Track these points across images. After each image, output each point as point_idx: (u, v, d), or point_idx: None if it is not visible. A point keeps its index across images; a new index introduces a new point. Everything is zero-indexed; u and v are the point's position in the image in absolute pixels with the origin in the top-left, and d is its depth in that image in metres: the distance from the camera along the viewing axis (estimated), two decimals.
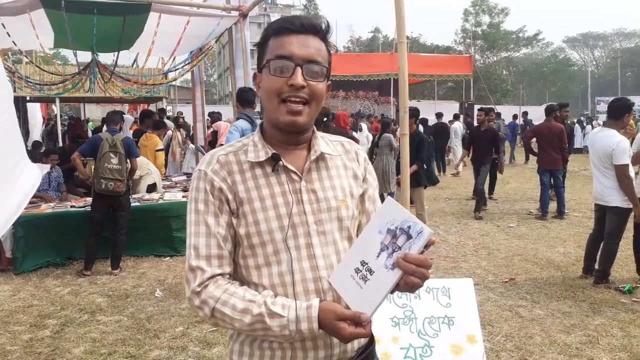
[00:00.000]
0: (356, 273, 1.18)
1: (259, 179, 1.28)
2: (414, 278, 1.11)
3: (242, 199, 1.27)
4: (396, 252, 1.13)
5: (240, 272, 1.31)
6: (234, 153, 1.32)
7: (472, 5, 53.59)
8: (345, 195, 1.34)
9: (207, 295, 1.22)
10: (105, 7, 5.95)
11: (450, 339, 3.06)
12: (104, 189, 5.40)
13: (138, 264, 6.02)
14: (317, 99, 1.27)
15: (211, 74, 70.93)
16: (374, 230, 1.19)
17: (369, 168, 1.45)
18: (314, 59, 1.24)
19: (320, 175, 1.33)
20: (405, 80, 3.45)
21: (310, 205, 1.29)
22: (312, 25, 1.26)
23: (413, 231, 1.12)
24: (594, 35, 64.86)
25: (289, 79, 1.22)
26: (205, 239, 1.26)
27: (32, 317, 4.45)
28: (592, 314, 4.34)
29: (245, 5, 6.61)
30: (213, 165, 1.29)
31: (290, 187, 1.29)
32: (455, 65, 23.11)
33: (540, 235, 7.10)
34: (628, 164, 4.73)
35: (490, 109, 10.67)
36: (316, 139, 1.36)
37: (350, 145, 1.45)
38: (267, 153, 1.29)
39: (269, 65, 1.25)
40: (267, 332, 1.19)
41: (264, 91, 1.28)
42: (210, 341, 3.91)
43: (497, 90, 44.57)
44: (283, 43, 1.24)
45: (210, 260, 1.25)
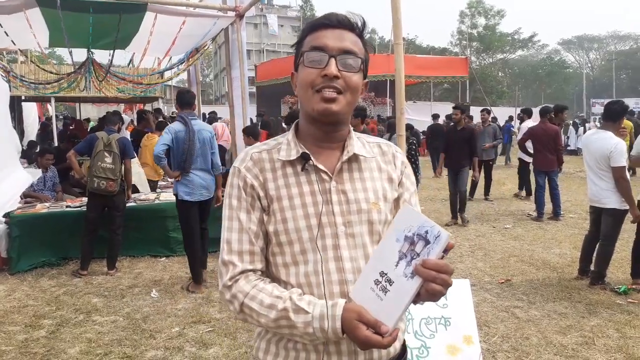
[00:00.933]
0: (376, 285, 1.13)
1: (289, 178, 1.28)
2: (435, 285, 1.06)
3: (273, 197, 1.27)
4: (415, 259, 1.09)
5: (271, 269, 1.31)
6: (267, 151, 1.32)
7: (468, 7, 53.77)
8: (377, 198, 1.31)
9: (237, 289, 1.23)
10: (101, 6, 5.94)
11: (447, 340, 3.06)
12: (96, 187, 5.37)
13: (134, 264, 6.00)
14: (352, 90, 1.25)
15: (207, 74, 70.84)
16: (391, 239, 1.15)
17: (406, 172, 1.41)
18: (349, 49, 1.23)
19: (352, 177, 1.31)
20: (401, 81, 3.46)
21: (340, 206, 1.27)
22: (348, 20, 1.26)
23: (431, 236, 1.08)
24: (589, 37, 65.16)
25: (322, 69, 1.21)
26: (237, 234, 1.27)
27: (28, 317, 4.42)
28: (588, 315, 4.35)
29: (241, 6, 6.61)
30: (246, 162, 1.30)
31: (319, 186, 1.27)
32: (451, 66, 23.16)
33: (536, 237, 7.12)
34: (625, 166, 4.75)
35: (485, 109, 10.72)
36: (351, 139, 1.34)
37: (388, 147, 1.42)
38: (298, 152, 1.28)
39: (303, 58, 1.25)
40: (292, 330, 1.17)
41: (299, 84, 1.27)
42: (207, 342, 3.90)
43: (493, 91, 44.73)
44: (318, 36, 1.25)
45: (242, 255, 1.26)
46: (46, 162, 6.97)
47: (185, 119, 5.00)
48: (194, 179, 4.99)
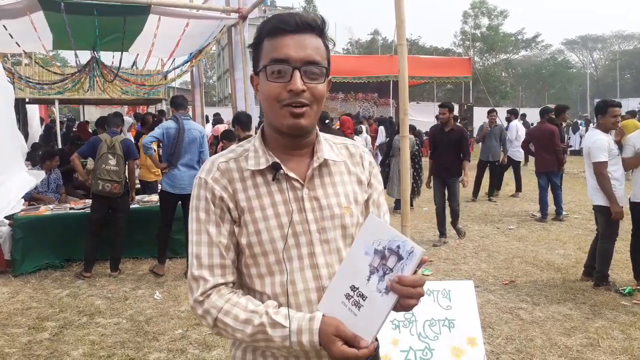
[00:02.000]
0: (347, 299, 1.12)
1: (259, 188, 1.25)
2: (411, 300, 1.09)
3: (243, 208, 1.24)
4: (387, 274, 1.08)
5: (244, 279, 1.29)
6: (234, 160, 1.29)
7: (471, 8, 53.62)
8: (349, 202, 1.31)
9: (209, 304, 1.20)
10: (105, 8, 5.97)
11: (451, 342, 3.05)
12: (101, 190, 5.39)
13: (137, 266, 6.01)
14: (319, 101, 1.23)
15: (210, 75, 70.95)
16: (359, 251, 1.13)
17: (374, 172, 1.41)
18: (312, 59, 1.19)
19: (323, 182, 1.30)
20: (405, 82, 3.45)
21: (313, 213, 1.26)
22: (307, 22, 1.21)
23: (403, 251, 1.07)
24: (592, 37, 64.97)
25: (287, 84, 1.18)
26: (207, 248, 1.23)
27: (31, 320, 4.43)
28: (592, 316, 4.33)
29: (244, 8, 6.62)
30: (214, 173, 1.26)
31: (291, 195, 1.25)
32: (454, 67, 23.12)
33: (540, 238, 7.09)
34: (604, 161, 4.73)
35: (493, 110, 10.66)
36: (319, 143, 1.32)
37: (355, 148, 1.41)
38: (268, 161, 1.25)
39: (265, 70, 1.20)
40: (268, 343, 1.17)
41: (263, 97, 1.23)
42: (210, 344, 3.90)
43: (496, 92, 44.60)
44: (279, 45, 1.19)
45: (213, 269, 1.23)
46: (51, 165, 6.99)
47: (178, 118, 5.44)
48: (177, 173, 5.42)
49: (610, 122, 4.87)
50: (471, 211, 9.13)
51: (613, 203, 4.70)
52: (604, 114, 4.89)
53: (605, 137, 4.85)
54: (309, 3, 59.96)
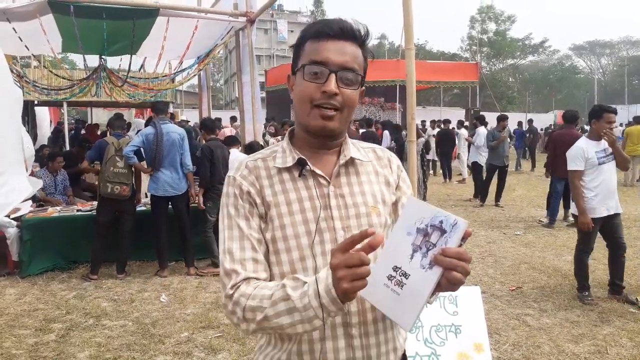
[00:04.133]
0: (389, 280, 1.08)
1: (286, 184, 1.26)
2: (456, 273, 1.02)
3: (270, 203, 1.24)
4: (431, 249, 1.05)
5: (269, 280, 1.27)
6: (262, 159, 1.31)
7: (479, 13, 53.63)
8: (376, 202, 1.31)
9: (238, 294, 1.15)
10: (114, 12, 6.00)
11: (457, 348, 3.03)
12: (109, 192, 5.42)
13: (144, 268, 6.02)
14: (350, 106, 1.24)
15: (218, 79, 71.23)
16: (401, 233, 1.11)
17: (402, 175, 1.41)
18: (349, 66, 1.21)
19: (350, 181, 1.30)
20: (413, 86, 3.45)
21: (339, 211, 1.26)
22: (351, 30, 1.23)
23: (446, 225, 1.05)
24: (600, 43, 64.69)
25: (322, 85, 1.20)
26: (238, 242, 1.23)
27: (38, 321, 4.45)
28: (600, 323, 4.30)
29: (252, 11, 6.64)
30: (242, 170, 1.29)
31: (317, 191, 1.26)
32: (461, 72, 23.07)
33: (547, 243, 7.05)
34: (576, 170, 4.70)
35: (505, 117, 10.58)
36: (347, 144, 1.33)
37: (382, 152, 1.43)
38: (294, 158, 1.27)
39: (303, 70, 1.23)
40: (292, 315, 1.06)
41: (297, 95, 1.26)
42: (216, 347, 3.90)
43: (503, 97, 44.49)
44: (319, 48, 1.22)
45: (245, 263, 1.20)
46: (56, 166, 7.02)
47: (156, 123, 5.67)
48: (160, 176, 5.61)
49: (604, 128, 4.67)
50: (478, 216, 9.09)
51: (580, 213, 4.65)
52: (598, 119, 4.73)
53: (584, 144, 4.75)
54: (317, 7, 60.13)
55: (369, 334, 1.25)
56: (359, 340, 1.23)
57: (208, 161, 5.79)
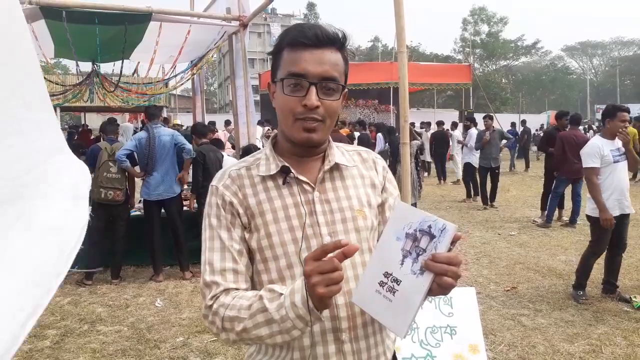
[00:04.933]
0: (381, 287, 1.09)
1: (270, 192, 1.25)
2: (447, 278, 1.03)
3: (254, 212, 1.23)
4: (421, 255, 1.05)
5: (256, 289, 1.25)
6: (246, 168, 1.30)
7: (471, 15, 53.93)
8: (362, 205, 1.30)
9: (217, 304, 1.15)
10: (106, 17, 5.99)
11: (453, 349, 3.04)
12: (103, 198, 5.41)
13: (138, 273, 6.00)
14: (332, 116, 1.23)
15: (212, 83, 71.19)
16: (390, 238, 1.11)
17: (388, 177, 1.41)
18: (329, 75, 1.19)
19: (335, 186, 1.30)
20: (405, 89, 3.46)
21: (324, 216, 1.25)
22: (328, 36, 1.21)
23: (435, 230, 1.05)
24: (592, 43, 65.09)
25: (302, 98, 1.18)
26: (219, 253, 1.22)
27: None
28: (595, 322, 4.32)
29: (245, 15, 6.64)
30: (224, 180, 1.27)
31: (302, 198, 1.25)
32: (454, 73, 23.16)
33: (542, 244, 7.08)
34: (592, 167, 4.68)
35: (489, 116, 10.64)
36: (331, 149, 1.33)
37: (367, 154, 1.42)
38: (278, 166, 1.26)
39: (282, 84, 1.21)
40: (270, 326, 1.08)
41: (278, 108, 1.25)
42: (211, 351, 3.89)
43: (497, 98, 44.67)
44: (297, 59, 1.19)
45: (225, 274, 1.20)
46: None
47: (149, 128, 5.75)
48: (151, 181, 5.66)
49: (618, 127, 4.71)
50: (472, 217, 9.12)
51: (602, 210, 4.61)
52: (612, 118, 4.76)
53: (599, 142, 4.77)
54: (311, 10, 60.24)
55: (359, 338, 1.24)
56: (349, 346, 1.23)
57: (200, 166, 5.79)
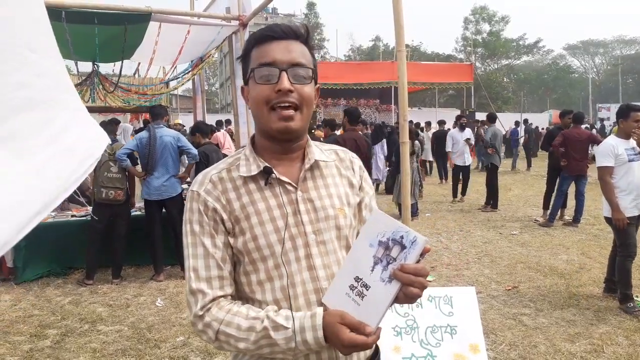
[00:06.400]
0: (351, 290, 1.13)
1: (253, 194, 1.26)
2: (413, 288, 1.08)
3: (239, 217, 1.24)
4: (391, 263, 1.10)
5: (243, 290, 1.28)
6: (226, 170, 1.30)
7: (472, 14, 53.81)
8: (342, 204, 1.32)
9: (210, 318, 1.19)
10: (105, 17, 5.98)
11: (453, 348, 3.03)
12: (104, 197, 5.41)
13: (139, 272, 6.01)
14: (307, 103, 1.25)
15: (213, 83, 71.20)
16: (364, 244, 1.15)
17: (364, 176, 1.44)
18: (298, 62, 1.23)
19: (316, 184, 1.31)
20: (404, 88, 3.45)
21: (308, 215, 1.27)
22: (292, 30, 1.26)
23: (406, 240, 1.09)
24: (594, 42, 64.91)
25: (275, 85, 1.21)
26: (203, 260, 1.23)
27: (33, 327, 4.42)
28: (596, 322, 4.30)
29: (245, 15, 6.63)
30: (206, 185, 1.27)
31: (285, 198, 1.26)
32: (456, 73, 23.17)
33: (544, 243, 7.07)
34: (606, 166, 4.62)
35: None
36: (310, 147, 1.34)
37: (344, 153, 1.43)
38: (259, 166, 1.27)
39: (253, 75, 1.24)
40: (273, 348, 1.15)
41: (252, 101, 1.26)
42: (212, 351, 3.88)
43: (498, 97, 44.61)
44: (266, 50, 1.23)
45: (211, 281, 1.22)
46: None
47: (151, 127, 5.74)
48: (151, 181, 5.65)
49: (632, 127, 4.68)
50: (474, 216, 9.11)
51: (614, 210, 4.54)
52: (625, 118, 4.72)
53: (613, 141, 4.73)
54: (311, 10, 60.21)
55: None
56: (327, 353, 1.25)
57: (203, 166, 5.78)
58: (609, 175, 4.63)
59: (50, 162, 1.38)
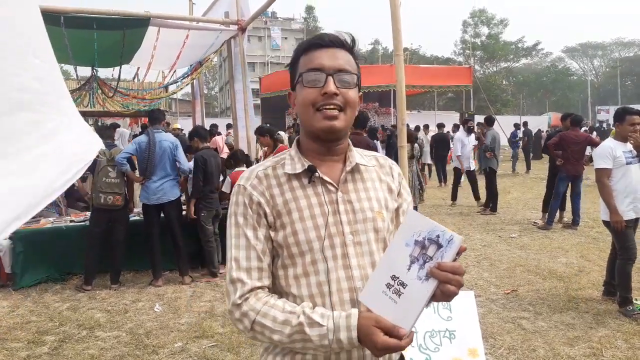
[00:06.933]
0: (388, 288, 1.16)
1: (296, 191, 1.32)
2: (450, 286, 1.11)
3: (281, 211, 1.30)
4: (428, 262, 1.13)
5: (279, 283, 1.32)
6: (272, 167, 1.37)
7: (471, 17, 53.95)
8: (381, 207, 1.37)
9: (248, 307, 1.24)
10: (104, 22, 5.99)
11: (452, 353, 3.02)
12: (103, 203, 5.40)
13: (137, 278, 5.99)
14: (351, 106, 1.31)
15: (213, 86, 71.31)
16: (400, 243, 1.18)
17: (403, 183, 1.48)
18: (343, 68, 1.30)
19: (356, 187, 1.37)
20: (402, 92, 3.45)
21: (347, 216, 1.32)
22: (339, 39, 1.33)
23: (443, 240, 1.12)
24: (593, 44, 65.08)
25: (321, 88, 1.28)
26: (245, 251, 1.29)
27: (31, 334, 4.41)
28: (595, 325, 4.29)
29: (243, 20, 6.65)
30: (252, 180, 1.34)
31: (326, 197, 1.32)
32: (455, 76, 23.22)
33: (543, 246, 7.06)
34: (604, 168, 4.61)
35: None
36: (351, 151, 1.40)
37: (384, 160, 1.49)
38: (304, 165, 1.33)
39: (302, 79, 1.31)
40: (306, 344, 1.19)
41: (299, 104, 1.33)
42: (210, 357, 3.87)
43: (497, 100, 44.64)
44: (314, 57, 1.30)
45: (251, 272, 1.28)
46: None
47: (150, 132, 5.76)
48: (151, 185, 5.64)
49: (628, 130, 4.65)
50: (473, 220, 9.10)
51: (612, 212, 4.52)
52: (622, 122, 4.72)
53: (611, 143, 4.72)
54: (309, 13, 60.35)
55: None
56: None
57: (201, 171, 5.77)
58: (607, 178, 4.62)
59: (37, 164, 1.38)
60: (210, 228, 5.87)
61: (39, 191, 1.37)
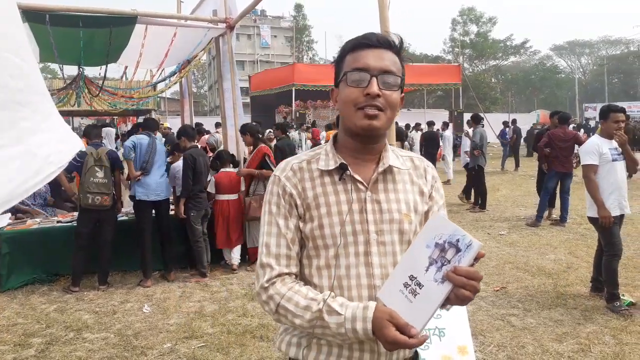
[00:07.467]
0: (405, 288, 1.19)
1: (327, 186, 1.37)
2: (465, 291, 1.13)
3: (310, 204, 1.35)
4: (445, 265, 1.14)
5: (304, 272, 1.38)
6: (306, 161, 1.41)
7: (460, 15, 54.19)
8: (409, 210, 1.39)
9: (274, 291, 1.31)
10: (90, 20, 5.91)
11: (441, 351, 3.02)
12: (90, 203, 5.34)
13: (126, 278, 5.94)
14: (392, 108, 1.33)
15: (202, 85, 70.94)
16: (421, 244, 1.20)
17: (436, 185, 1.49)
18: (388, 69, 1.31)
19: (387, 188, 1.39)
20: None
21: (373, 215, 1.35)
22: (387, 40, 1.35)
23: (462, 244, 1.13)
24: (580, 42, 65.60)
25: (364, 89, 1.29)
26: (276, 238, 1.35)
27: (17, 336, 4.35)
28: (583, 321, 4.32)
29: (232, 18, 6.60)
30: (287, 172, 1.40)
31: (355, 195, 1.35)
32: (444, 74, 23.26)
33: (531, 243, 7.10)
34: (590, 164, 4.65)
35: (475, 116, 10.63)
36: (387, 152, 1.42)
37: (420, 161, 1.50)
38: (336, 162, 1.37)
39: (346, 78, 1.33)
40: (324, 330, 1.24)
41: (341, 101, 1.36)
42: (199, 357, 3.84)
43: (486, 98, 44.92)
44: (360, 57, 1.32)
45: (280, 259, 1.34)
46: None
47: (150, 133, 6.04)
48: (150, 182, 5.73)
49: (613, 128, 4.69)
50: (462, 217, 9.14)
51: (599, 207, 4.56)
52: (606, 119, 4.75)
53: (598, 140, 4.76)
54: (299, 12, 60.24)
55: None
56: None
57: (191, 170, 5.73)
58: (594, 173, 4.66)
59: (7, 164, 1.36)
60: (199, 228, 5.84)
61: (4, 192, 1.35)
